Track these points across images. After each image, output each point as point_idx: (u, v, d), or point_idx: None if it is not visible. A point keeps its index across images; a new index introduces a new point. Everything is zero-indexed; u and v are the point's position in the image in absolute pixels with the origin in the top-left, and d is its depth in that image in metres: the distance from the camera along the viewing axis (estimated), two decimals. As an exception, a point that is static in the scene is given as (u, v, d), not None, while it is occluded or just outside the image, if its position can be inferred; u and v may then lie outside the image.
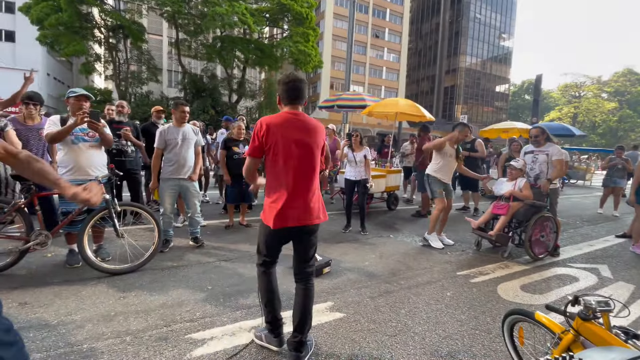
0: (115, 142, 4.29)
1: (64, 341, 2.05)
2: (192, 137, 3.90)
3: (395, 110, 7.12)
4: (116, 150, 4.46)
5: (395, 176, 6.86)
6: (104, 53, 24.66)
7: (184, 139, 3.82)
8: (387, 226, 5.55)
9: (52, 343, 2.02)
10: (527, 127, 9.17)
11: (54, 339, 2.06)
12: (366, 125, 37.12)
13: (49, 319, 2.27)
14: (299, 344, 1.96)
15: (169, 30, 31.13)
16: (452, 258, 4.05)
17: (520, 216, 4.10)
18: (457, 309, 2.75)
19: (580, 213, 7.80)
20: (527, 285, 3.34)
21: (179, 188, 3.85)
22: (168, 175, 3.79)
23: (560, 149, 4.27)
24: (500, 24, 54.91)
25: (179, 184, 3.83)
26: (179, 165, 3.79)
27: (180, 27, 23.35)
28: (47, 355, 1.92)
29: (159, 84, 28.57)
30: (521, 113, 65.45)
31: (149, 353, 1.98)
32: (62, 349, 1.97)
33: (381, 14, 46.22)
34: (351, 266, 3.59)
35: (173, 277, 3.08)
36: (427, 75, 54.29)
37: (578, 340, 1.38)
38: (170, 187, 3.80)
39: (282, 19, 25.03)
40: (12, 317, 2.23)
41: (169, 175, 3.78)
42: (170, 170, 3.78)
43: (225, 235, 4.49)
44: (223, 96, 25.62)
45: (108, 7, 22.19)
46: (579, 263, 4.10)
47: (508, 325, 1.86)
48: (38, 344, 1.99)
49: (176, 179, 3.80)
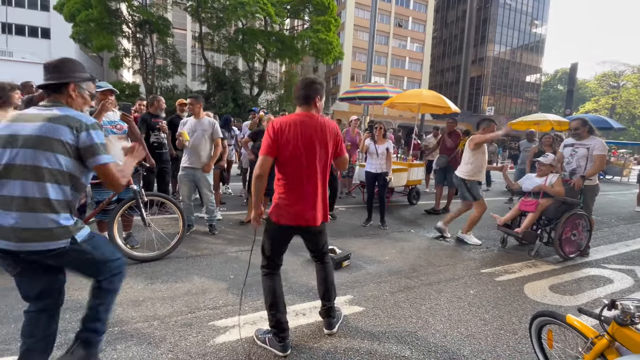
0: (156, 135, 4.52)
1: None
2: (206, 129, 4.01)
3: (418, 101, 6.94)
4: (157, 143, 4.60)
5: (417, 170, 6.71)
6: (131, 48, 25.43)
7: (196, 130, 3.96)
8: (408, 221, 5.46)
9: (86, 325, 2.14)
10: (560, 119, 8.71)
11: (87, 321, 2.18)
12: (387, 118, 36.46)
13: (83, 302, 2.38)
14: (329, 309, 2.19)
15: (192, 25, 31.64)
16: (476, 255, 3.94)
17: (550, 213, 3.92)
18: (481, 307, 2.68)
19: (616, 211, 7.36)
20: (557, 285, 3.20)
21: (192, 177, 4.03)
22: (184, 164, 4.02)
23: (603, 142, 3.92)
24: (533, 9, 51.90)
25: (193, 174, 4.01)
26: (192, 155, 3.98)
27: (204, 20, 23.65)
28: (82, 336, 2.03)
29: (183, 77, 29.23)
30: (553, 104, 62.14)
31: (174, 338, 2.06)
32: (95, 331, 2.08)
33: (404, 2, 44.81)
34: (371, 260, 3.57)
35: (197, 266, 3.18)
36: (453, 65, 52.39)
37: (613, 346, 1.31)
38: (185, 175, 4.03)
39: (303, 10, 24.83)
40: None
41: (185, 164, 4.02)
42: (185, 159, 4.01)
43: (246, 227, 4.57)
44: (244, 89, 25.88)
45: (135, 3, 22.80)
46: (613, 264, 3.88)
47: (536, 327, 1.79)
48: (73, 325, 2.11)
49: (190, 167, 3.99)
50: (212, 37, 25.19)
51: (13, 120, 1.46)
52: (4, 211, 1.35)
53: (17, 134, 1.40)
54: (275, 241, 2.06)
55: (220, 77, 24.71)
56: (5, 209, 1.35)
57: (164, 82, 25.53)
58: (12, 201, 1.35)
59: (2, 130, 1.43)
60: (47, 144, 1.39)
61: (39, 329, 1.53)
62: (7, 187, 1.36)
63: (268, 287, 2.04)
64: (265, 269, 2.08)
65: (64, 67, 1.55)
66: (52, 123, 1.42)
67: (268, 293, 2.03)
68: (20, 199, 1.35)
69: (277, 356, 1.95)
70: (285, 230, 2.03)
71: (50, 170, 1.39)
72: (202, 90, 25.80)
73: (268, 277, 2.06)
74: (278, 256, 2.10)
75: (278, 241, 2.06)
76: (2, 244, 1.35)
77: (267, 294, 2.03)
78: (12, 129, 1.42)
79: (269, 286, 2.04)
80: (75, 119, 1.47)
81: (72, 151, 1.44)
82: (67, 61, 1.58)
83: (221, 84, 24.17)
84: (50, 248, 1.39)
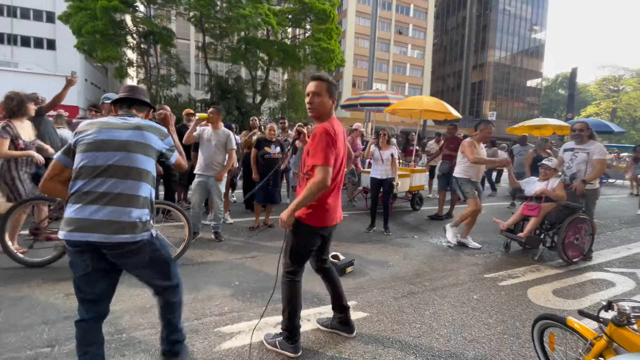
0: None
1: (105, 330, 2.18)
2: (222, 139, 4.14)
3: (419, 107, 7.00)
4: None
5: (420, 176, 6.74)
6: (136, 58, 25.84)
7: (213, 140, 4.09)
8: (411, 227, 5.48)
9: (95, 331, 2.18)
10: (561, 124, 8.72)
11: (96, 328, 2.22)
12: (389, 124, 36.58)
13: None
14: (347, 310, 2.28)
15: (196, 35, 32.12)
16: (479, 260, 3.96)
17: (552, 217, 3.94)
18: (484, 312, 2.69)
19: (618, 214, 7.34)
20: (560, 289, 3.21)
21: (206, 185, 4.12)
22: (198, 171, 4.14)
23: (603, 147, 4.00)
24: (532, 15, 52.24)
25: (206, 182, 4.11)
26: (207, 164, 4.10)
27: (207, 30, 24.04)
28: (91, 342, 2.07)
29: (187, 86, 29.59)
30: (555, 108, 62.09)
31: (181, 344, 2.09)
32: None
33: (405, 10, 45.35)
34: (374, 266, 3.60)
35: (203, 273, 3.22)
36: (453, 71, 52.64)
37: (611, 346, 1.34)
38: (199, 183, 4.13)
39: (305, 19, 25.18)
40: (58, 307, 2.44)
41: (199, 171, 4.13)
42: (200, 168, 4.13)
43: (250, 234, 4.61)
44: (247, 97, 26.15)
45: (140, 14, 23.23)
46: (616, 267, 3.88)
47: (538, 330, 1.82)
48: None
49: (205, 176, 4.09)
50: (215, 47, 25.55)
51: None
52: (99, 206, 1.49)
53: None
54: (311, 245, 2.04)
55: (224, 86, 24.99)
56: (101, 204, 1.49)
57: (168, 92, 25.86)
58: (106, 196, 1.50)
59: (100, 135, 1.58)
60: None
61: (97, 335, 1.66)
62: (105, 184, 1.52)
63: (294, 294, 2.02)
64: (292, 275, 2.04)
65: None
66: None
67: (293, 298, 2.01)
68: (113, 195, 1.51)
69: (289, 358, 1.99)
70: (321, 233, 2.04)
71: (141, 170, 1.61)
72: (206, 99, 26.09)
73: (295, 284, 2.04)
74: (307, 260, 2.11)
75: (313, 245, 2.05)
76: (93, 237, 1.47)
77: (292, 299, 2.02)
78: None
79: (295, 292, 2.03)
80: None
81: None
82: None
83: (224, 92, 24.43)
84: (136, 240, 1.54)
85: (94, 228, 1.46)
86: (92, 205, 1.48)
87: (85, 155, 1.54)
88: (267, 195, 4.78)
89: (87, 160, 1.53)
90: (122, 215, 1.51)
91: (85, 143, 1.55)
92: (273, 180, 4.74)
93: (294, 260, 2.04)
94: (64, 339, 2.07)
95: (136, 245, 1.55)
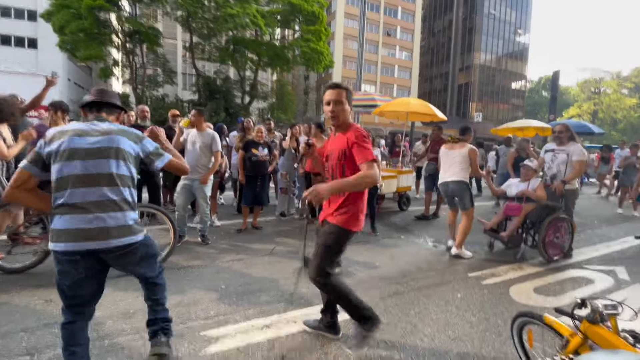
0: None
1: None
2: (207, 141, 4.06)
3: (406, 109, 7.10)
4: None
5: (407, 177, 6.82)
6: (121, 58, 25.31)
7: (197, 142, 4.03)
8: (399, 227, 5.54)
9: (76, 338, 2.13)
10: (544, 125, 8.95)
11: (78, 335, 2.17)
12: (378, 125, 36.90)
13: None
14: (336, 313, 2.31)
15: (183, 34, 31.69)
16: (464, 260, 4.02)
17: (533, 217, 4.04)
18: (468, 310, 2.75)
19: (598, 213, 7.57)
20: (541, 287, 3.29)
21: (190, 188, 4.05)
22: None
23: (582, 149, 4.13)
24: (516, 19, 53.49)
25: (191, 185, 4.04)
26: (190, 167, 3.96)
27: (194, 30, 23.76)
28: (72, 349, 2.03)
29: (174, 86, 29.16)
30: (538, 110, 63.64)
31: (166, 349, 2.06)
32: (85, 344, 2.08)
33: (392, 12, 45.81)
34: (362, 267, 3.62)
35: (188, 277, 3.19)
36: (441, 72, 53.43)
37: (586, 343, 1.38)
38: (184, 186, 4.06)
39: (294, 20, 25.17)
40: (38, 313, 2.38)
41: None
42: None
43: (237, 236, 4.58)
44: (236, 98, 25.94)
45: (125, 13, 22.78)
46: (595, 265, 4.01)
47: (517, 327, 1.87)
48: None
49: (189, 179, 4.02)
50: (203, 47, 25.27)
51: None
52: (93, 215, 1.52)
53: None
54: (345, 249, 2.13)
55: (212, 86, 24.75)
56: (93, 212, 1.52)
57: (155, 92, 25.41)
58: (96, 204, 1.54)
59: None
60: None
61: (84, 335, 1.68)
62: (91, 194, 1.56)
63: (341, 287, 2.06)
64: (329, 275, 2.05)
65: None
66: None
67: (342, 292, 2.05)
68: (102, 202, 1.55)
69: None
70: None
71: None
72: (194, 100, 25.77)
73: (336, 279, 2.08)
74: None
75: (345, 248, 2.14)
76: (92, 245, 1.51)
77: (342, 294, 2.05)
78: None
79: (341, 286, 2.06)
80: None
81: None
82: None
83: (213, 93, 24.20)
84: (137, 240, 1.64)
85: (92, 237, 1.51)
86: (85, 215, 1.51)
87: (63, 164, 1.53)
88: (255, 197, 4.76)
89: (66, 170, 1.52)
90: (118, 220, 1.57)
91: (60, 153, 1.54)
92: (261, 182, 4.73)
93: (330, 263, 2.05)
94: (43, 347, 2.02)
95: (135, 245, 1.64)
